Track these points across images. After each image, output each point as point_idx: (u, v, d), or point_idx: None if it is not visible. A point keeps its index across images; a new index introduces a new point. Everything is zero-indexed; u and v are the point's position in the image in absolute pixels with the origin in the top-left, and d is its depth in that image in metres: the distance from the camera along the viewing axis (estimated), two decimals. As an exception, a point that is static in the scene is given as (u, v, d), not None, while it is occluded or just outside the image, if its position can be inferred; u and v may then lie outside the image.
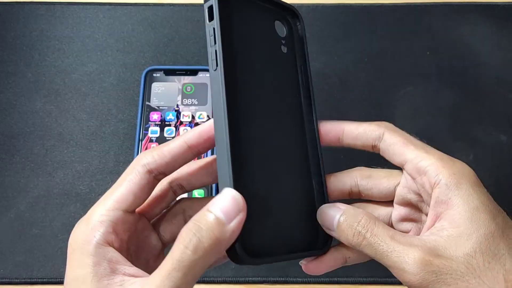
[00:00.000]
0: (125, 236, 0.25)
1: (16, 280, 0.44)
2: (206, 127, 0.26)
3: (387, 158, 0.29)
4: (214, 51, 0.25)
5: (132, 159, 0.48)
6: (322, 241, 0.28)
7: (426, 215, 0.27)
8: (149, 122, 0.49)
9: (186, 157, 0.27)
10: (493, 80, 0.53)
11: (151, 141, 0.48)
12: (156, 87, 0.51)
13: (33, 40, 0.55)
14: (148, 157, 0.26)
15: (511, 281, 0.23)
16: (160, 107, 0.50)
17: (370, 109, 0.51)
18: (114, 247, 0.24)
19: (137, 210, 0.27)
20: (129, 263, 0.24)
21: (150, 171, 0.25)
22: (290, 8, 0.31)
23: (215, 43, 0.25)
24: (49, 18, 0.56)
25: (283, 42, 0.29)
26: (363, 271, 0.44)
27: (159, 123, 0.49)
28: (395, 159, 0.28)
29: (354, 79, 0.53)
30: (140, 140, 0.48)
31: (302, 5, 0.57)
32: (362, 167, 0.30)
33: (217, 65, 0.25)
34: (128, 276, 0.23)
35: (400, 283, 0.44)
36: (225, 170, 0.23)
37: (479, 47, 0.54)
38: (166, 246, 0.29)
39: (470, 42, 0.55)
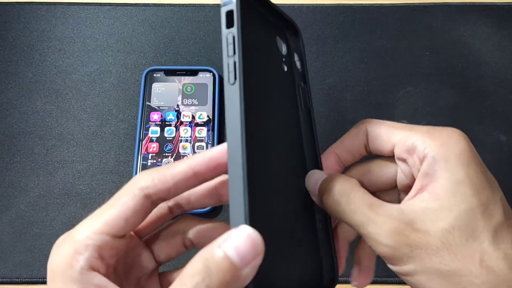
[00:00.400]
0: (112, 260, 0.23)
1: (17, 279, 0.44)
2: (216, 153, 0.23)
3: (379, 152, 0.28)
4: (233, 62, 0.22)
5: (133, 159, 0.49)
6: (327, 277, 0.27)
7: None
8: (150, 122, 0.49)
9: (190, 184, 0.24)
10: (493, 80, 0.53)
11: (151, 141, 0.49)
12: (156, 87, 0.51)
13: (34, 40, 0.55)
14: (148, 180, 0.23)
15: (486, 261, 0.22)
16: (161, 107, 0.50)
17: (370, 109, 0.51)
18: (100, 273, 0.22)
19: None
20: (116, 284, 0.22)
21: (148, 196, 0.23)
22: (291, 23, 0.29)
23: (234, 53, 0.22)
24: (49, 18, 0.56)
25: (284, 60, 0.28)
26: (363, 270, 0.44)
27: (160, 123, 0.49)
28: (384, 149, 0.27)
29: (354, 79, 0.53)
30: (140, 140, 0.49)
31: (302, 5, 0.57)
32: (359, 164, 0.29)
33: (235, 79, 0.22)
34: None
35: (400, 283, 0.44)
36: (240, 202, 0.20)
37: (479, 47, 0.54)
38: (160, 265, 0.27)
39: (470, 42, 0.55)
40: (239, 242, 0.19)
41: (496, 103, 0.52)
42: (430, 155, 0.24)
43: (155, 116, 0.50)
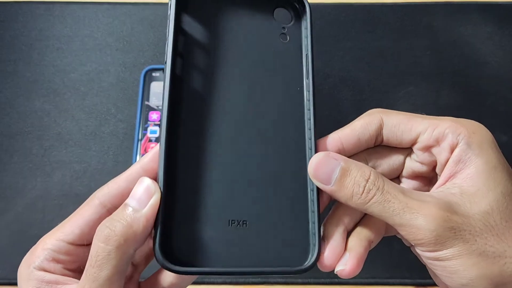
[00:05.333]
0: (74, 265, 0.25)
1: (15, 280, 0.44)
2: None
3: (393, 143, 0.27)
4: (166, 44, 0.25)
5: (131, 159, 0.48)
6: (299, 256, 0.25)
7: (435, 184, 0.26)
8: (148, 122, 0.49)
9: None
10: (494, 80, 0.53)
11: (150, 141, 0.48)
12: (155, 86, 0.51)
13: (32, 39, 0.55)
14: (103, 188, 0.25)
15: None
16: (159, 107, 0.50)
17: (370, 109, 0.51)
18: (53, 273, 0.24)
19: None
20: (70, 279, 0.24)
21: (103, 204, 0.25)
22: None
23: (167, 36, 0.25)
24: (48, 17, 0.56)
25: (285, 30, 0.28)
26: (363, 271, 0.44)
27: (158, 123, 0.49)
28: (404, 139, 0.26)
29: (354, 79, 0.53)
30: (139, 140, 0.48)
31: (302, 4, 0.56)
32: (360, 152, 0.28)
33: (165, 62, 0.25)
34: None
35: (400, 283, 0.44)
36: (159, 166, 0.23)
37: (480, 47, 0.54)
38: (141, 268, 0.28)
39: (471, 41, 0.54)
40: (136, 190, 0.23)
41: (497, 103, 0.52)
42: (463, 142, 0.24)
43: (154, 116, 0.49)
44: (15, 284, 0.44)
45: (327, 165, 0.25)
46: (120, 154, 0.49)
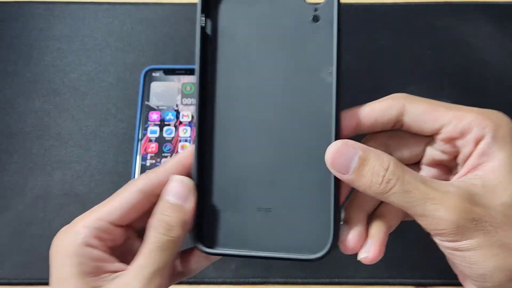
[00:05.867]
0: (111, 245, 0.26)
1: (15, 280, 0.44)
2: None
3: (414, 130, 0.26)
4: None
5: (131, 158, 0.48)
6: (314, 242, 0.26)
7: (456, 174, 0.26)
8: (149, 122, 0.49)
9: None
10: (495, 79, 0.52)
11: (150, 141, 0.48)
12: (155, 86, 0.51)
13: (32, 39, 0.55)
14: (143, 177, 0.26)
15: None
16: (160, 107, 0.50)
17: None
18: (98, 250, 0.25)
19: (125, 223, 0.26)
20: (114, 259, 0.25)
21: (142, 191, 0.26)
22: None
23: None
24: (48, 17, 0.56)
25: (317, 12, 0.27)
26: (363, 271, 0.44)
27: (159, 123, 0.49)
28: (426, 128, 0.26)
29: (355, 79, 0.53)
30: (139, 140, 0.48)
31: (302, 4, 0.56)
32: (378, 134, 0.28)
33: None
34: (113, 273, 0.24)
35: (400, 283, 0.44)
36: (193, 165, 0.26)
37: (481, 46, 0.54)
38: None
39: (472, 41, 0.54)
40: (172, 187, 0.25)
41: (498, 102, 0.51)
42: (489, 136, 0.24)
43: (154, 116, 0.49)
44: (15, 284, 0.44)
45: (345, 154, 0.24)
46: (120, 154, 0.49)
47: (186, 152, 0.27)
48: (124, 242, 0.27)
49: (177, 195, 0.25)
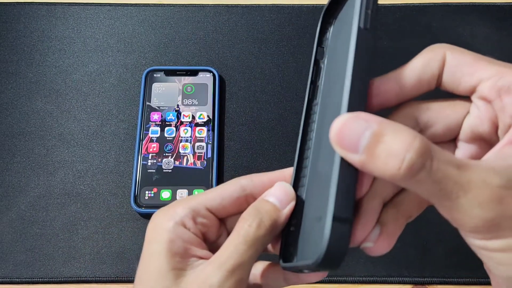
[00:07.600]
0: (204, 230, 0.25)
1: (17, 279, 0.44)
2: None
3: (451, 88, 0.22)
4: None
5: (133, 158, 0.49)
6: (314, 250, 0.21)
7: None
8: (150, 122, 0.49)
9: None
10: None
11: (151, 141, 0.49)
12: (156, 87, 0.51)
13: (34, 40, 0.55)
14: (247, 177, 0.26)
15: None
16: (161, 107, 0.50)
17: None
18: (191, 232, 0.25)
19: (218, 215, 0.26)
20: (203, 246, 0.25)
21: (244, 188, 0.26)
22: None
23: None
24: (50, 18, 0.56)
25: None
26: (363, 270, 0.45)
27: (160, 123, 0.49)
28: (464, 83, 0.22)
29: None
30: (140, 140, 0.49)
31: (302, 5, 0.57)
32: (413, 102, 0.23)
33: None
34: (199, 258, 0.24)
35: (398, 282, 0.44)
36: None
37: (478, 47, 0.54)
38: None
39: (470, 42, 0.55)
40: (275, 191, 0.25)
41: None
42: None
43: (155, 116, 0.50)
44: (17, 282, 0.44)
45: (354, 129, 0.18)
46: (121, 154, 0.49)
47: (290, 169, 0.27)
48: (217, 238, 0.27)
49: (278, 198, 0.25)
